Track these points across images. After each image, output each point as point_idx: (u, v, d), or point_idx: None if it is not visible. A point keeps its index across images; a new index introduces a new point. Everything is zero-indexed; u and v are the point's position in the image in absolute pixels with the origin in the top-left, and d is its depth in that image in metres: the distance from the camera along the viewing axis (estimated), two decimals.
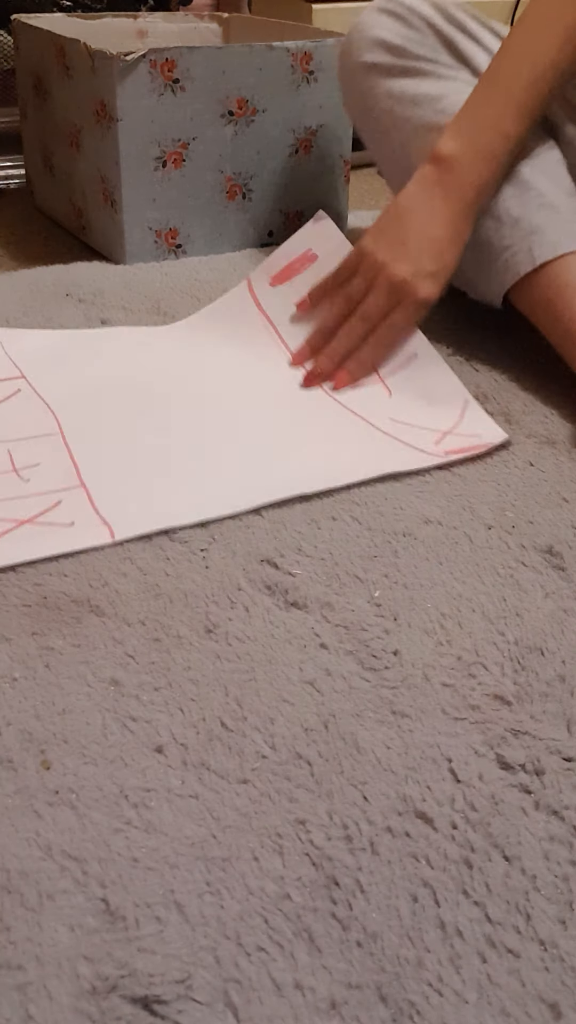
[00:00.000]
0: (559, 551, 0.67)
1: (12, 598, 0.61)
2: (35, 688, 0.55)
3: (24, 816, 0.47)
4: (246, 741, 0.52)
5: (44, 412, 0.83)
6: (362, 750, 0.51)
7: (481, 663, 0.57)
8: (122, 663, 0.57)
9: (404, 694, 0.55)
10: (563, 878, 0.45)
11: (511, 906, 0.44)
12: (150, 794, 0.48)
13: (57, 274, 1.13)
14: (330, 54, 1.20)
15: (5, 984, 0.40)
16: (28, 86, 1.31)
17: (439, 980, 0.41)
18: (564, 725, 0.53)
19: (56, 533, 0.67)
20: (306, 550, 0.67)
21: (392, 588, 0.63)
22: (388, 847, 0.46)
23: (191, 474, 0.75)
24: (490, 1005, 0.40)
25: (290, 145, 1.23)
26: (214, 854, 0.46)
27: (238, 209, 1.23)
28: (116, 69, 1.08)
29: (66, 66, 1.18)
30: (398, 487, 0.74)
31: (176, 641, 0.58)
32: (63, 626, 0.59)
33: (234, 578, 0.64)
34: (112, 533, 0.67)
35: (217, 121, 1.17)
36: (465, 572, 0.65)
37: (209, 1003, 0.40)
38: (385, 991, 0.41)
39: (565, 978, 0.41)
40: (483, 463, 0.78)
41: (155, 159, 1.14)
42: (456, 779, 0.50)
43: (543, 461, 0.78)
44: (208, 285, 1.12)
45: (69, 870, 0.45)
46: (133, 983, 0.40)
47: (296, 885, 0.45)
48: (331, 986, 0.41)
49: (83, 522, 0.68)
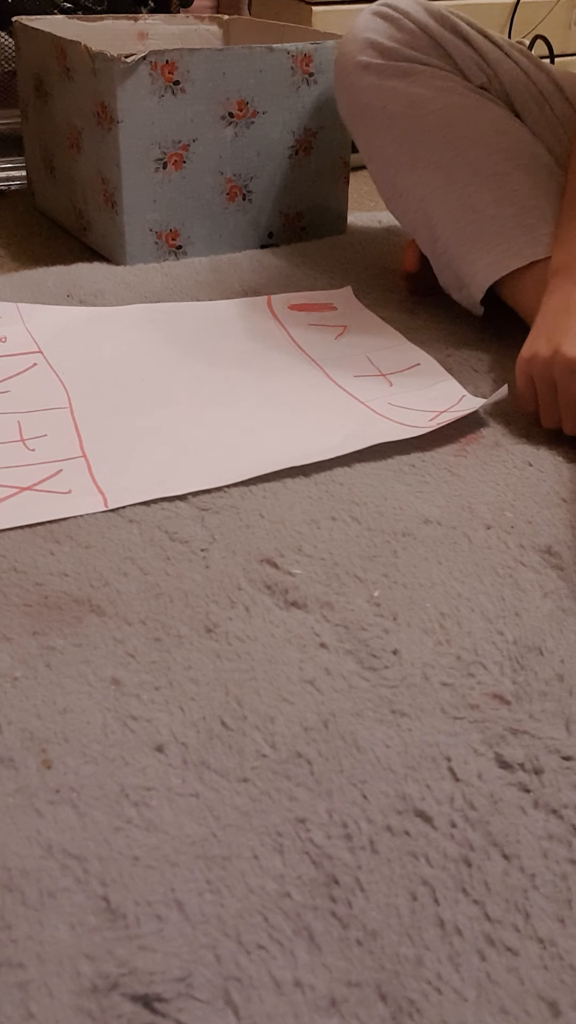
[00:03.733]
0: (558, 551, 0.67)
1: (13, 598, 0.62)
2: (36, 687, 0.55)
3: (25, 815, 0.47)
4: (246, 740, 0.52)
5: (56, 386, 0.87)
6: (362, 749, 0.52)
7: (480, 662, 0.58)
8: (123, 662, 0.57)
9: (403, 693, 0.55)
10: (562, 876, 0.45)
11: (510, 904, 0.44)
12: (150, 793, 0.49)
13: (58, 275, 1.13)
14: (330, 56, 1.20)
15: (6, 982, 0.40)
16: (29, 88, 1.32)
17: (438, 978, 0.41)
18: (563, 724, 0.53)
19: (53, 500, 0.71)
20: (306, 550, 0.67)
21: (391, 588, 0.64)
22: (387, 845, 0.47)
23: (188, 447, 0.78)
24: (489, 1003, 0.40)
25: (290, 147, 1.23)
26: (214, 852, 0.46)
27: (238, 210, 1.23)
28: (117, 71, 1.08)
29: (67, 68, 1.18)
30: (398, 487, 0.74)
31: (176, 640, 0.59)
32: (64, 625, 0.59)
33: (234, 578, 0.64)
34: (105, 501, 0.70)
35: (217, 123, 1.17)
36: (464, 572, 0.65)
37: (209, 1001, 0.40)
38: (385, 989, 0.41)
39: (564, 976, 0.41)
40: (483, 463, 0.78)
41: (155, 160, 1.15)
42: (455, 778, 0.50)
43: (542, 461, 0.78)
44: (208, 286, 1.12)
45: (70, 868, 0.45)
46: (134, 981, 0.40)
47: (296, 883, 0.45)
48: (331, 984, 0.41)
49: (80, 490, 0.72)
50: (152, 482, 0.73)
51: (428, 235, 1.00)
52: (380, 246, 1.28)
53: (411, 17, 1.03)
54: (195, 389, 0.86)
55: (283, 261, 1.21)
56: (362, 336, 0.98)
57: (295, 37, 1.28)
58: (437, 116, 0.99)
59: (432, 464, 0.78)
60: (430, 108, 0.99)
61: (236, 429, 0.81)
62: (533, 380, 0.80)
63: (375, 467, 0.77)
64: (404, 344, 0.97)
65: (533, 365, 0.79)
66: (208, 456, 0.77)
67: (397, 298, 1.09)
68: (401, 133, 1.01)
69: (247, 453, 0.77)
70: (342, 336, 0.98)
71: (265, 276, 1.16)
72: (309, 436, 0.79)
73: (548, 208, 0.93)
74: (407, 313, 1.05)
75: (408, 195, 1.01)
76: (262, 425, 0.81)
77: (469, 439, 0.81)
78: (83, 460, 0.75)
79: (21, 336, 0.95)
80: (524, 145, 0.98)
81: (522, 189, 0.94)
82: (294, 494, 0.73)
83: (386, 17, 1.04)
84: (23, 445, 0.77)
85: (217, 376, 0.90)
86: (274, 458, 0.75)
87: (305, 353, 0.94)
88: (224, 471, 0.74)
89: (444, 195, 0.97)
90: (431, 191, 0.98)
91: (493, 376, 0.92)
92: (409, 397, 0.86)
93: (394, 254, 1.24)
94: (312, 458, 0.76)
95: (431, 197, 0.98)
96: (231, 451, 0.77)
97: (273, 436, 0.80)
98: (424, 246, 1.02)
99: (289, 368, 0.91)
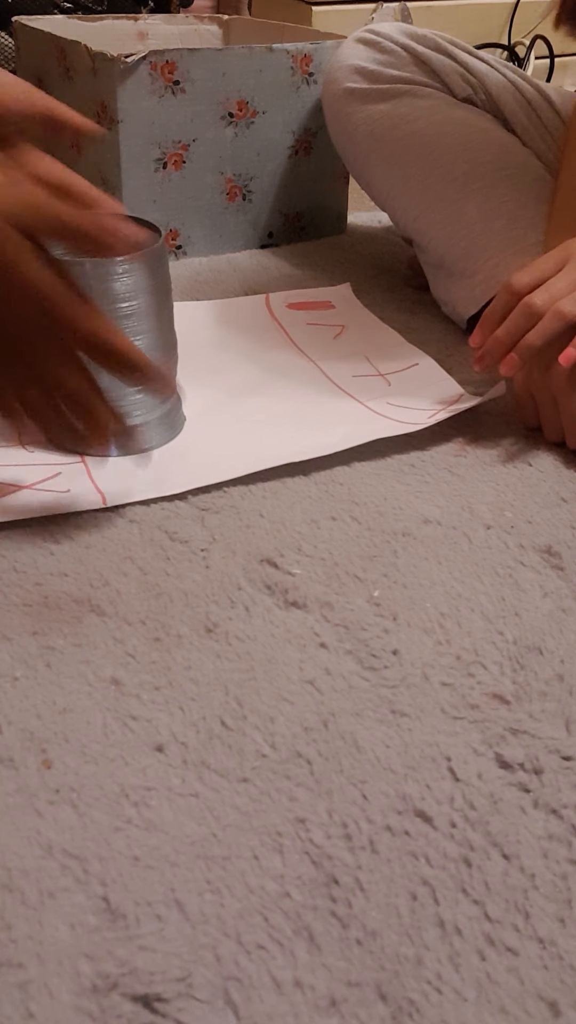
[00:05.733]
0: (558, 551, 0.67)
1: (13, 597, 0.62)
2: (36, 687, 0.55)
3: (25, 815, 0.47)
4: (246, 740, 0.52)
5: None
6: (361, 749, 0.52)
7: (480, 662, 0.58)
8: (123, 662, 0.57)
9: (403, 693, 0.55)
10: (562, 876, 0.45)
11: (510, 904, 0.44)
12: (150, 793, 0.49)
13: None
14: (330, 56, 1.20)
15: (6, 982, 0.40)
16: None
17: (438, 978, 0.41)
18: (563, 724, 0.53)
19: (51, 498, 0.71)
20: (306, 550, 0.67)
21: (391, 588, 0.64)
22: (387, 845, 0.47)
23: (186, 446, 0.78)
24: (489, 1003, 0.40)
25: (290, 147, 1.23)
26: (214, 852, 0.46)
27: (238, 210, 1.23)
28: (117, 71, 1.08)
29: (67, 68, 1.18)
30: (398, 487, 0.74)
31: (176, 640, 0.59)
32: (64, 625, 0.59)
33: (234, 578, 0.64)
34: (104, 500, 0.71)
35: (217, 123, 1.17)
36: (464, 572, 0.65)
37: (209, 1001, 0.40)
38: (384, 989, 0.41)
39: (564, 976, 0.41)
40: (483, 463, 0.78)
41: (155, 160, 1.15)
42: (455, 778, 0.50)
43: (541, 461, 0.78)
44: (208, 286, 1.12)
45: (70, 868, 0.45)
46: (134, 981, 0.40)
47: (296, 883, 0.45)
48: (331, 984, 0.41)
49: (79, 490, 0.72)
50: (152, 482, 0.73)
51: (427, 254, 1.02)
52: (380, 246, 1.28)
53: (393, 39, 1.07)
54: (193, 389, 0.86)
55: (283, 261, 1.21)
56: (361, 336, 0.98)
57: (295, 37, 1.28)
58: (422, 135, 1.00)
59: (432, 464, 0.78)
60: (414, 128, 1.01)
61: (235, 429, 0.81)
62: (533, 396, 0.80)
63: (375, 467, 0.77)
64: (403, 344, 0.97)
65: (532, 380, 0.79)
66: (207, 455, 0.77)
67: (397, 298, 1.09)
68: (389, 155, 1.03)
69: (245, 452, 0.77)
70: (340, 336, 0.98)
71: (265, 276, 1.16)
72: (307, 434, 0.79)
73: (537, 216, 0.94)
74: (407, 313, 1.05)
75: (403, 215, 1.04)
76: (261, 425, 0.81)
77: (469, 439, 0.81)
78: (82, 464, 0.75)
79: None
80: (512, 155, 0.99)
81: (510, 200, 0.95)
82: (294, 494, 0.73)
83: (368, 42, 1.08)
84: (22, 447, 0.77)
85: (215, 376, 0.89)
86: (272, 455, 0.76)
87: (303, 353, 0.94)
88: (223, 470, 0.74)
89: (435, 213, 0.98)
90: (422, 210, 1.00)
91: (493, 375, 0.92)
92: (408, 397, 0.86)
93: (394, 254, 1.24)
94: (311, 454, 0.76)
95: (423, 217, 1.00)
96: (229, 450, 0.77)
97: (271, 435, 0.80)
98: (425, 266, 1.04)
99: (287, 368, 0.91)
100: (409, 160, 1.00)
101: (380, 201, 1.07)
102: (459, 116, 1.01)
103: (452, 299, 0.99)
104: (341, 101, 1.07)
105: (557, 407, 0.78)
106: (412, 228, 1.02)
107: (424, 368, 0.91)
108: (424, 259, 1.03)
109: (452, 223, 0.97)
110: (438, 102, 1.02)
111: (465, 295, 0.96)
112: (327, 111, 1.11)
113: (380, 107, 1.04)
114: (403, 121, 1.01)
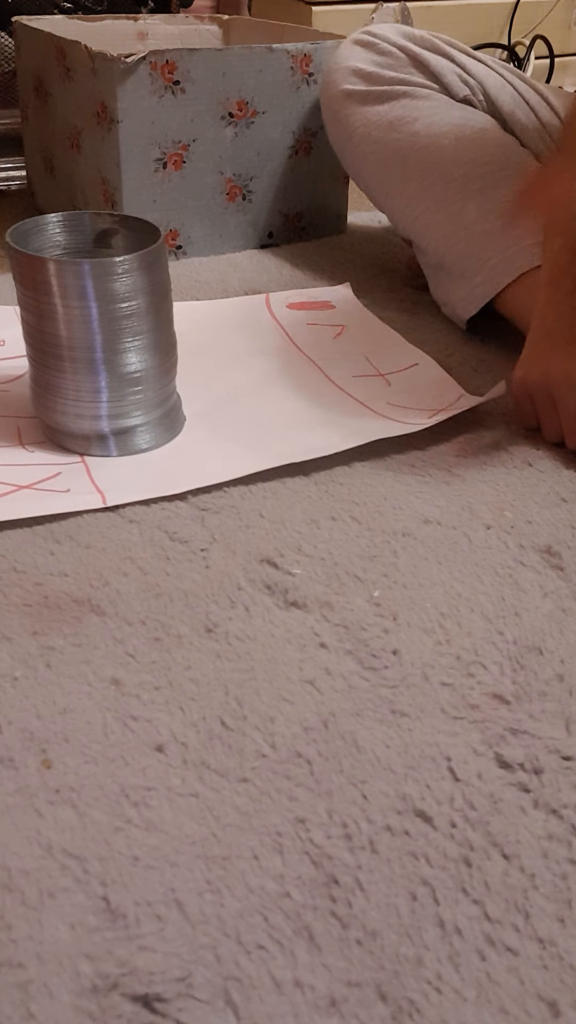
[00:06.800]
0: (558, 551, 0.67)
1: (13, 597, 0.62)
2: (36, 687, 0.55)
3: (25, 815, 0.47)
4: (246, 740, 0.52)
5: None
6: (361, 749, 0.52)
7: (480, 662, 0.58)
8: (123, 662, 0.57)
9: (403, 693, 0.55)
10: (562, 876, 0.45)
11: (510, 904, 0.44)
12: (150, 793, 0.49)
13: None
14: (329, 56, 1.20)
15: (6, 982, 0.40)
16: (29, 88, 1.32)
17: (438, 978, 0.41)
18: (563, 724, 0.53)
19: (52, 497, 0.71)
20: (306, 550, 0.67)
21: (391, 588, 0.64)
22: (387, 845, 0.47)
23: (186, 446, 0.78)
24: (489, 1003, 0.40)
25: (290, 147, 1.23)
26: (214, 853, 0.46)
27: (238, 210, 1.23)
28: (117, 71, 1.08)
29: (67, 68, 1.18)
30: (398, 487, 0.74)
31: (176, 640, 0.59)
32: (64, 625, 0.59)
33: (234, 578, 0.64)
34: (104, 500, 0.71)
35: (217, 123, 1.17)
36: (464, 572, 0.65)
37: (209, 1001, 0.40)
38: (384, 989, 0.41)
39: (564, 976, 0.41)
40: (483, 463, 0.78)
41: (155, 160, 1.15)
42: (455, 778, 0.50)
43: (541, 461, 0.78)
44: (208, 286, 1.12)
45: (70, 868, 0.45)
46: (134, 981, 0.40)
47: (296, 883, 0.45)
48: (331, 984, 0.41)
49: (78, 490, 0.72)
50: (151, 481, 0.73)
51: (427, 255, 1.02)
52: (380, 246, 1.28)
53: (390, 40, 1.07)
54: (193, 389, 0.86)
55: (283, 261, 1.21)
56: (360, 336, 0.98)
57: (295, 37, 1.28)
58: (420, 137, 1.00)
59: (432, 464, 0.78)
60: (412, 129, 1.01)
61: (235, 429, 0.81)
62: (531, 396, 0.80)
63: (375, 467, 0.77)
64: (403, 344, 0.97)
65: (529, 381, 0.79)
66: (207, 455, 0.77)
67: (397, 298, 1.09)
68: (387, 157, 1.02)
69: (245, 452, 0.77)
70: (340, 336, 0.98)
71: (265, 276, 1.16)
72: (307, 434, 0.79)
73: None
74: (407, 313, 1.05)
75: (402, 217, 1.03)
76: (261, 425, 0.81)
77: (469, 439, 0.81)
78: (82, 464, 0.75)
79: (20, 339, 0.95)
80: (510, 155, 0.99)
81: (509, 200, 0.95)
82: (294, 494, 0.73)
83: (366, 44, 1.08)
84: (22, 448, 0.77)
85: (215, 376, 0.89)
86: (272, 455, 0.75)
87: (303, 353, 0.94)
88: (223, 470, 0.74)
89: (434, 214, 0.98)
90: (421, 212, 1.00)
91: (492, 376, 0.92)
92: (408, 397, 0.86)
93: (394, 254, 1.24)
94: (311, 455, 0.76)
95: (422, 218, 1.00)
96: (229, 450, 0.77)
97: (272, 435, 0.80)
98: (424, 267, 1.04)
99: (287, 368, 0.91)
100: (408, 161, 1.00)
101: (379, 202, 1.07)
102: (457, 117, 1.01)
103: (452, 300, 0.99)
104: (339, 103, 1.07)
105: (556, 407, 0.78)
106: (411, 229, 1.02)
107: (424, 368, 0.91)
108: (424, 260, 1.03)
109: (451, 224, 0.97)
110: (436, 103, 1.02)
111: (465, 296, 0.96)
112: (325, 113, 1.11)
113: (378, 109, 1.04)
114: (401, 122, 1.01)
